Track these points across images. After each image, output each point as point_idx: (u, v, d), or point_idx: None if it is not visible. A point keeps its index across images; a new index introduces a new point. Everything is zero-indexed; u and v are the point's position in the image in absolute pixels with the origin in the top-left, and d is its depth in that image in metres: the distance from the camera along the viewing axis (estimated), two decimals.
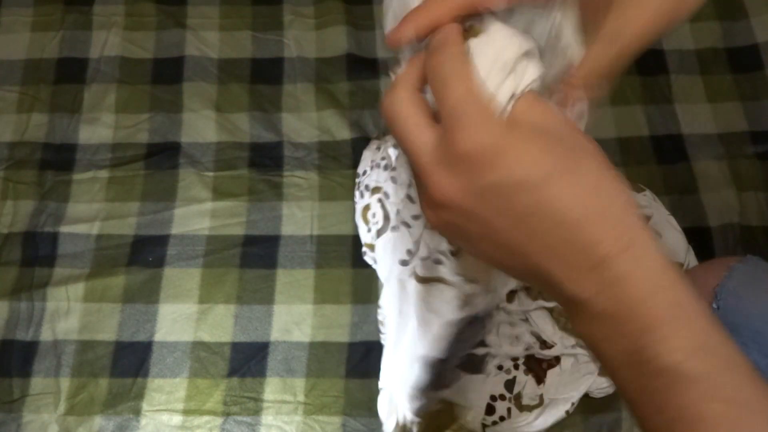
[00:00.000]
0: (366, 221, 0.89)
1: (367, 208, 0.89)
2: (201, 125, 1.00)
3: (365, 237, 0.90)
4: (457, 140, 0.28)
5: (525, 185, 0.27)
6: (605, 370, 0.30)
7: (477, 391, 0.78)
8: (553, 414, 0.79)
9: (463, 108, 0.28)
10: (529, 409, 0.79)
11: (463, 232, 0.31)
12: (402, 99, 0.30)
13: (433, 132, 0.30)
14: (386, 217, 0.87)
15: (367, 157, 0.95)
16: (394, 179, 0.87)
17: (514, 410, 0.78)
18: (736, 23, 1.07)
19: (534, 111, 0.30)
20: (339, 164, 0.97)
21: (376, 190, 0.89)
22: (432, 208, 0.31)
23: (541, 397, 0.80)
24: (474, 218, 0.29)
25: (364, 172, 0.93)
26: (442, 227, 0.32)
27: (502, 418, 0.77)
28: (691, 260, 0.86)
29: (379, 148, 0.93)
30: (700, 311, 0.27)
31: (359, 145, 0.98)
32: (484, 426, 0.79)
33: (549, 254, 0.28)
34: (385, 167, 0.89)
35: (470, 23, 0.33)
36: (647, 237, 0.28)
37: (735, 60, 1.04)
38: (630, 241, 0.27)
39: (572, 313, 0.30)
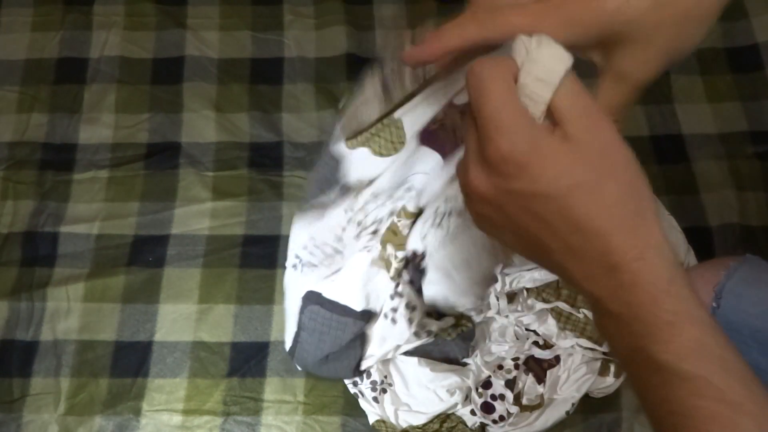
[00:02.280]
0: None
1: None
2: (201, 125, 1.00)
3: None
4: (490, 146, 0.31)
5: (544, 197, 0.30)
6: (617, 360, 0.33)
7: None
8: (553, 414, 0.79)
9: (498, 116, 0.31)
10: (529, 409, 0.79)
11: (492, 223, 0.34)
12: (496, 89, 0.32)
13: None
14: None
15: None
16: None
17: (514, 410, 0.78)
18: (736, 23, 1.07)
19: (580, 121, 0.31)
20: None
21: None
22: (468, 196, 0.34)
23: (541, 397, 0.80)
24: (502, 212, 0.33)
25: None
26: (475, 216, 0.36)
27: (502, 418, 0.77)
28: (691, 260, 0.86)
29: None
30: (697, 319, 0.30)
31: None
32: (484, 426, 0.79)
33: (569, 255, 0.31)
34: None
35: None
36: (658, 249, 0.31)
37: (735, 60, 1.04)
38: (640, 253, 0.30)
39: (590, 306, 0.34)
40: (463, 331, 0.83)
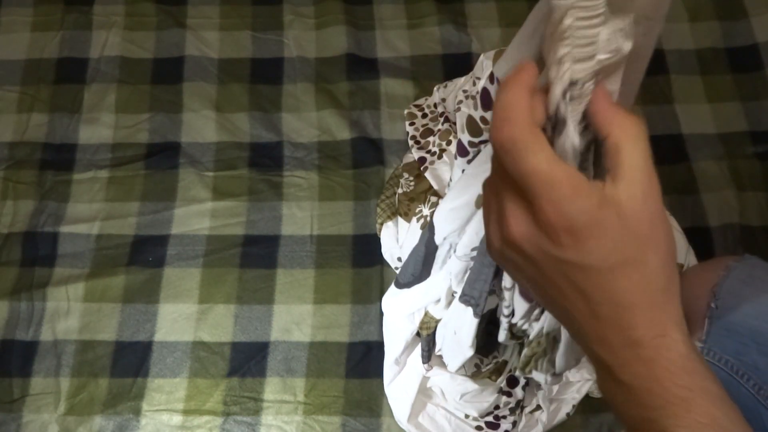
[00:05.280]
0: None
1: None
2: (201, 125, 1.00)
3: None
4: (547, 213, 0.30)
5: (592, 270, 0.31)
6: (622, 424, 0.34)
7: None
8: (555, 415, 0.79)
9: (551, 181, 0.30)
10: (531, 411, 0.79)
11: (519, 269, 0.35)
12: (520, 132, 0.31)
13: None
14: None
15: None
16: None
17: (516, 411, 0.78)
18: (736, 23, 1.07)
19: (636, 185, 0.31)
20: (339, 164, 0.97)
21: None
22: (500, 239, 0.34)
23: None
24: (537, 268, 0.33)
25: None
26: (498, 255, 0.35)
27: (503, 418, 0.77)
28: (691, 260, 0.86)
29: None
30: (711, 394, 0.31)
31: (359, 144, 0.98)
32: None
33: (593, 320, 0.32)
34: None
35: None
36: (678, 325, 0.32)
37: (735, 60, 1.04)
38: (663, 330, 0.31)
39: (596, 367, 0.34)
40: None
